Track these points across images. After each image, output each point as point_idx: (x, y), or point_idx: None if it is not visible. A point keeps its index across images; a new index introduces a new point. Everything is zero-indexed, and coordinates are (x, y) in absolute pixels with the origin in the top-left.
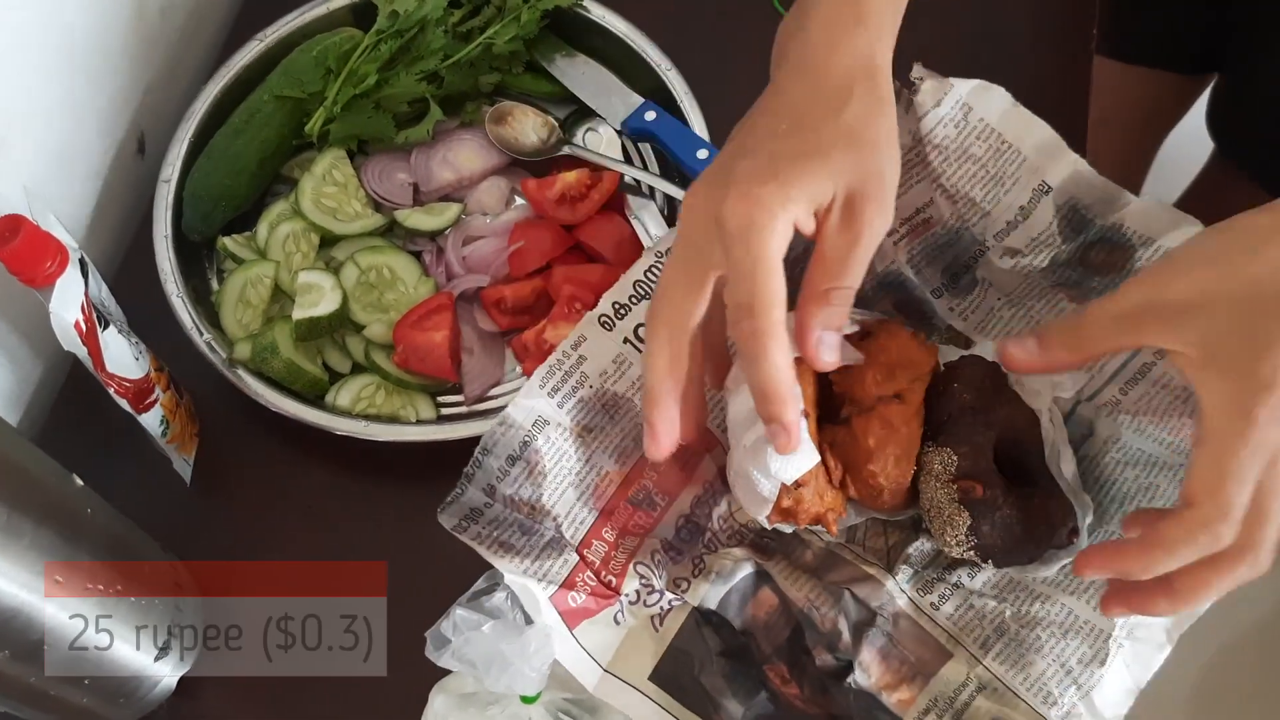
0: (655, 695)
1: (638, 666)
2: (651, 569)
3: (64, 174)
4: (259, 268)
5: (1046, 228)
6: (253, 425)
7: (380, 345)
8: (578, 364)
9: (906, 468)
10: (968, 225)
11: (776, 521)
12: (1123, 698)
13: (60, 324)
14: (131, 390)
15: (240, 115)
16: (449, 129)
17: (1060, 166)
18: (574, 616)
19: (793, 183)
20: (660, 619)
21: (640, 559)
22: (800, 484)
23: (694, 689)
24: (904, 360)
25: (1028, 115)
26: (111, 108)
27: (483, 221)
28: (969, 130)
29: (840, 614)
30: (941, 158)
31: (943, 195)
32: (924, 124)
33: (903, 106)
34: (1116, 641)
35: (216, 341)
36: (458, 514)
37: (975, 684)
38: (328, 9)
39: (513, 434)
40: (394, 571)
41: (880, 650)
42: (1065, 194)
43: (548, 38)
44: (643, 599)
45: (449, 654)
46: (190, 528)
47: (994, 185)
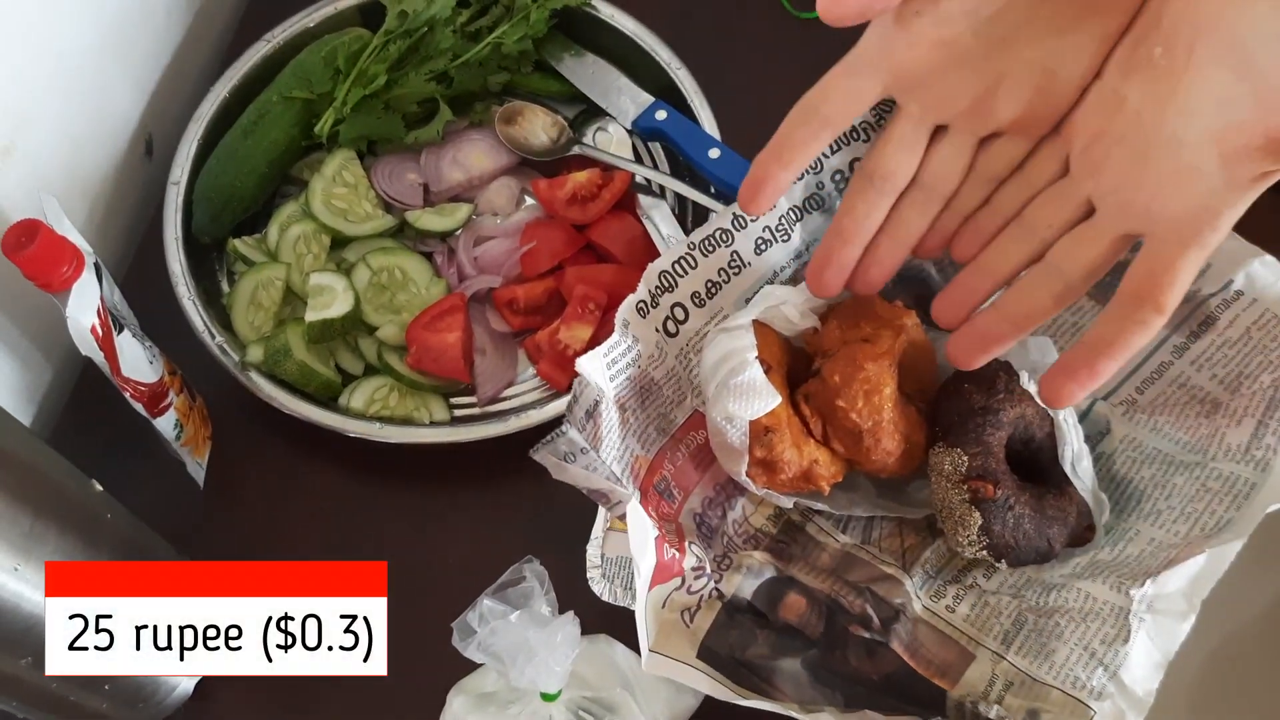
0: (706, 670)
1: (679, 650)
2: (700, 551)
3: (73, 177)
4: (270, 270)
5: None
6: (266, 427)
7: (393, 347)
8: (634, 343)
9: (880, 404)
10: None
11: (762, 482)
12: (1152, 672)
13: (77, 329)
14: (146, 394)
15: (249, 116)
16: (459, 129)
17: None
18: (662, 572)
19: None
20: (691, 614)
21: (690, 539)
22: (769, 429)
23: (742, 669)
24: (869, 314)
25: None
26: (119, 110)
27: (493, 222)
28: None
29: (866, 602)
30: None
31: None
32: None
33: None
34: (1137, 616)
35: (229, 344)
36: (554, 453)
37: (1002, 682)
38: (335, 9)
39: (588, 392)
40: (405, 572)
41: (907, 646)
42: None
43: (556, 37)
44: (689, 584)
45: (474, 645)
46: (204, 530)
47: None
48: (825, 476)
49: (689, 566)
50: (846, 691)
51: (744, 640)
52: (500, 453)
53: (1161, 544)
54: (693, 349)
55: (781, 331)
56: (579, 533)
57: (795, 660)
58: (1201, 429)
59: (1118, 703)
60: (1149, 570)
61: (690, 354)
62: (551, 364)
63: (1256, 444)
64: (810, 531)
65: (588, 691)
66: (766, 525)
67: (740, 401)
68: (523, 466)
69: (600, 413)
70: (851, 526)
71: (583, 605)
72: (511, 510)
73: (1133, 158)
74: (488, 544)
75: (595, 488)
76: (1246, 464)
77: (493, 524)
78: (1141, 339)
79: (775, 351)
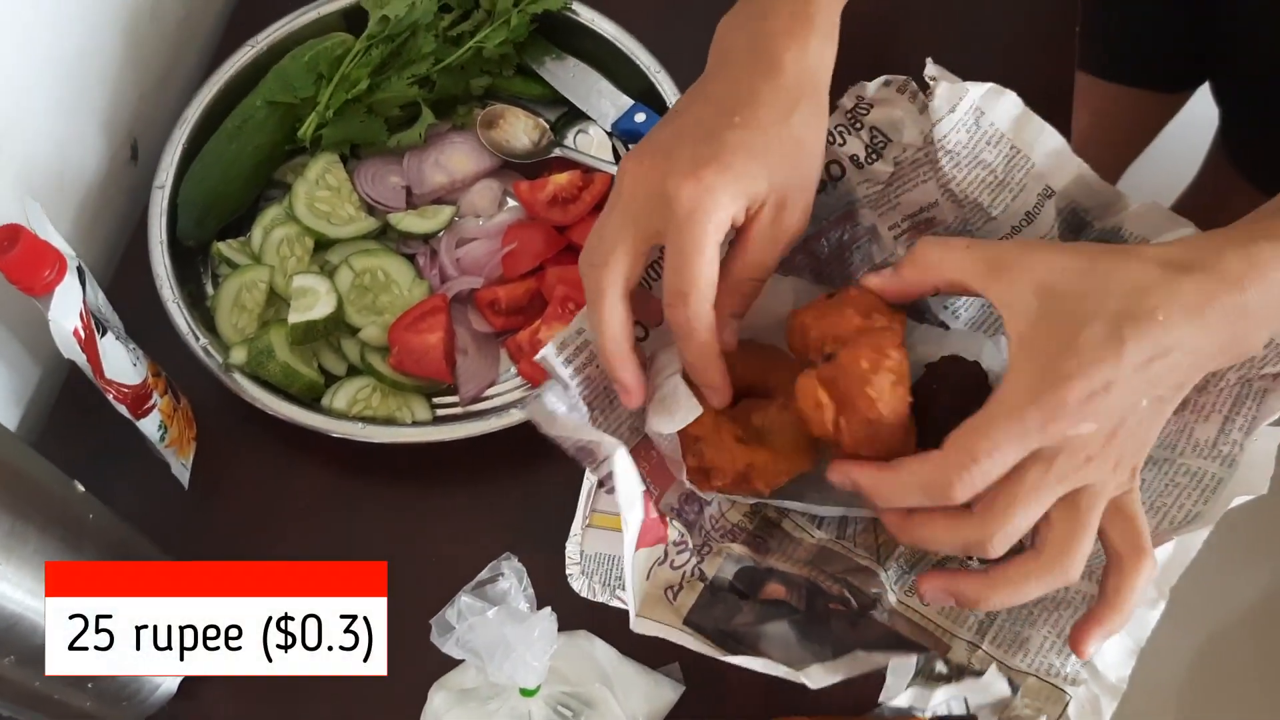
0: (692, 634)
1: (666, 618)
2: (681, 528)
3: (58, 182)
4: (254, 272)
5: (1048, 231)
6: (250, 428)
7: (375, 348)
8: (586, 343)
9: (904, 395)
10: (971, 228)
11: (704, 486)
12: (1124, 658)
13: (60, 332)
14: (130, 396)
15: (233, 121)
16: (441, 132)
17: (1064, 171)
18: (648, 532)
19: (741, 176)
20: (674, 593)
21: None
22: (699, 438)
23: (729, 638)
24: (878, 306)
25: (1038, 121)
26: (104, 115)
27: (475, 224)
28: (980, 135)
29: (844, 588)
30: (952, 162)
31: (948, 198)
32: (938, 129)
33: (917, 107)
34: None
35: (213, 346)
36: (540, 408)
37: (979, 665)
38: (319, 14)
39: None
40: (392, 572)
41: (887, 625)
42: (1066, 197)
43: (537, 41)
44: (671, 558)
45: (453, 641)
46: (189, 530)
47: (1002, 190)
48: (763, 479)
49: (672, 538)
50: (835, 645)
51: (729, 613)
52: (482, 452)
53: None
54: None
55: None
56: (560, 530)
57: (782, 622)
58: (1170, 425)
59: (1092, 688)
60: None
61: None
62: (532, 363)
63: (1224, 439)
64: (786, 528)
65: (566, 687)
66: (743, 521)
67: (661, 415)
68: (505, 465)
69: (575, 391)
70: (826, 523)
71: (563, 602)
72: (494, 508)
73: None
74: (471, 542)
75: (583, 440)
76: (1214, 459)
77: (475, 522)
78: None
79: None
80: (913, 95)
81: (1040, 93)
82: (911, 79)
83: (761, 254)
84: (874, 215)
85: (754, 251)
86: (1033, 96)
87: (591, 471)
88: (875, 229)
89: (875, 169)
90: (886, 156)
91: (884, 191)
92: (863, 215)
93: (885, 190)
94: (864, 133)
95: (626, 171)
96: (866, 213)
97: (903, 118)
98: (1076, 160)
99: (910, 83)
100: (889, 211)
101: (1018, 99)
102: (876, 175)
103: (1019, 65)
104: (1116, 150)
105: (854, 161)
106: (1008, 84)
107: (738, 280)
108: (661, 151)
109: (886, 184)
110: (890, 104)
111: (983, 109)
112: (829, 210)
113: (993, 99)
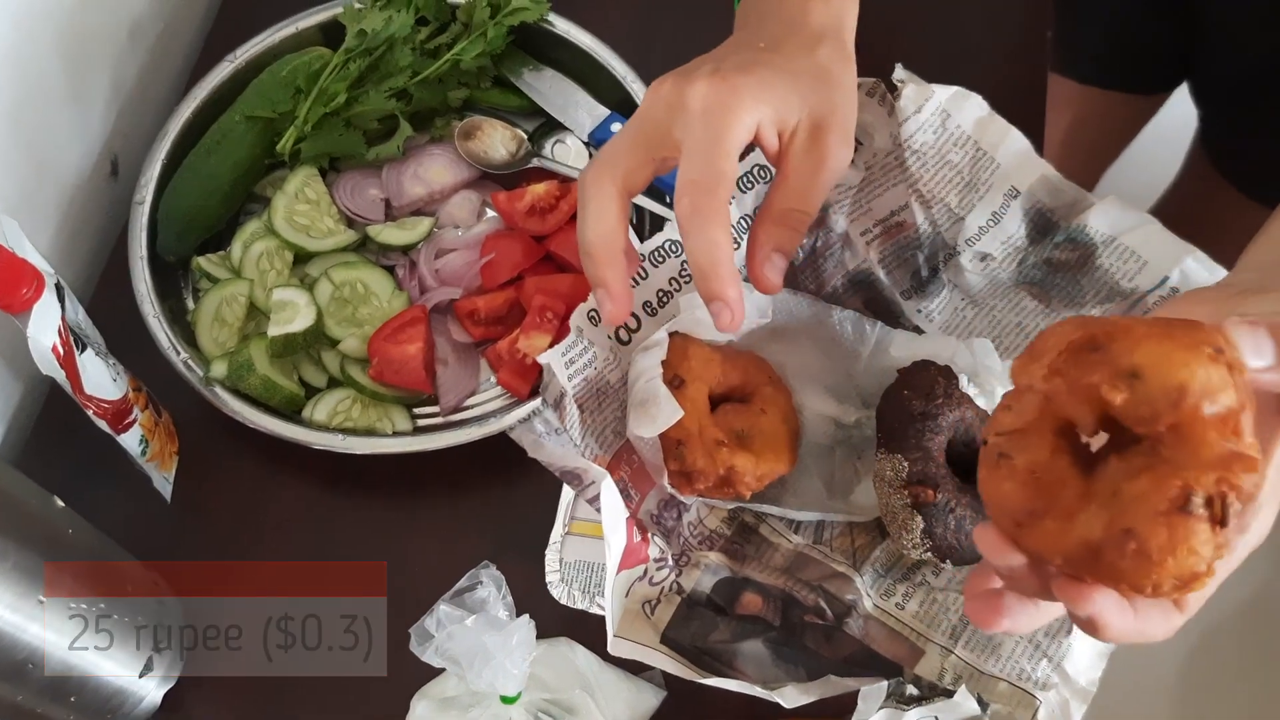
0: (669, 654)
1: (643, 636)
2: (661, 543)
3: (38, 198)
4: (234, 286)
5: (1015, 232)
6: (231, 441)
7: (355, 359)
8: (589, 346)
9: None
10: (940, 230)
11: (685, 490)
12: (1094, 661)
13: (38, 349)
14: (110, 411)
15: (212, 136)
16: (419, 145)
17: (1029, 172)
18: (630, 555)
19: (768, 85)
20: (652, 607)
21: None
22: (680, 442)
23: (705, 656)
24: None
25: (1002, 123)
26: (84, 131)
27: (454, 235)
28: (947, 137)
29: (819, 596)
30: (919, 163)
31: (918, 200)
32: (904, 129)
33: (885, 110)
34: None
35: (193, 360)
36: (530, 431)
37: (951, 676)
38: (297, 29)
39: (555, 383)
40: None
41: (860, 639)
42: (1032, 198)
43: (514, 53)
44: (650, 575)
45: (432, 649)
46: (171, 544)
47: (969, 191)
48: (746, 482)
49: (652, 556)
50: (808, 665)
51: (705, 629)
52: (463, 461)
53: None
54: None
55: (707, 340)
56: (540, 539)
57: (757, 641)
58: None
59: (1062, 692)
60: None
61: None
62: (511, 372)
63: None
64: (763, 533)
65: (548, 694)
66: (721, 527)
67: (642, 419)
68: (485, 474)
69: (565, 406)
70: (803, 527)
71: (544, 609)
72: (474, 518)
73: None
74: (452, 551)
75: (569, 467)
76: None
77: (456, 531)
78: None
79: (696, 364)
80: (882, 98)
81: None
82: (881, 81)
83: (802, 180)
84: (846, 221)
85: (794, 177)
86: (1004, 99)
87: (578, 494)
88: (848, 235)
89: (847, 175)
90: (858, 162)
91: (857, 197)
92: (834, 221)
93: (858, 195)
94: None
95: (650, 90)
96: (839, 218)
97: (873, 121)
98: (1041, 161)
99: (880, 85)
100: (861, 217)
101: (983, 102)
102: (848, 181)
103: (990, 69)
104: (1096, 153)
105: None
106: (979, 87)
107: (780, 211)
108: (685, 71)
109: (858, 189)
110: (861, 108)
111: (949, 111)
112: None
113: (959, 101)
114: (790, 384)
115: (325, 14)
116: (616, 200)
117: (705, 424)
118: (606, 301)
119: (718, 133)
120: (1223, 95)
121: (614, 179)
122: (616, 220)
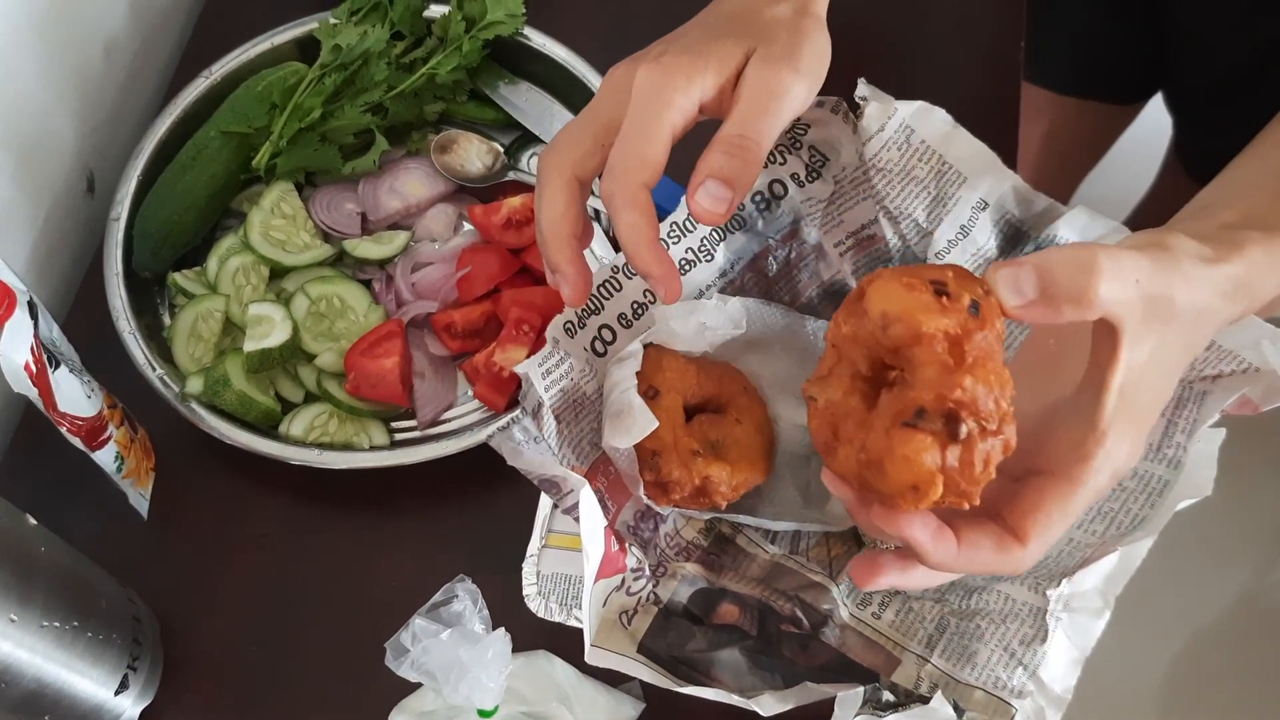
0: (646, 663)
1: (620, 646)
2: (639, 553)
3: (13, 216)
4: (210, 302)
5: (985, 243)
6: (208, 457)
7: (332, 374)
8: (565, 357)
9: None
10: (909, 244)
11: (661, 500)
12: (1069, 669)
13: (10, 366)
14: (84, 429)
15: (187, 151)
16: (395, 159)
17: (997, 184)
18: (608, 564)
19: (704, 54)
20: (629, 617)
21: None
22: (655, 453)
23: (682, 665)
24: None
25: (967, 136)
26: (60, 148)
27: (431, 248)
28: (911, 152)
29: (795, 606)
30: (885, 180)
31: (885, 216)
32: (869, 148)
33: (849, 128)
34: (1054, 616)
35: (169, 376)
36: (509, 439)
37: (927, 684)
38: (272, 44)
39: (533, 393)
40: (349, 595)
41: (837, 648)
42: (1001, 210)
43: (490, 66)
44: (628, 585)
45: (408, 664)
46: (148, 561)
47: (936, 206)
48: (722, 492)
49: (630, 566)
50: (785, 673)
51: (682, 639)
52: (440, 475)
53: (1079, 544)
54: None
55: (682, 351)
56: (518, 552)
57: (733, 650)
58: None
59: (1037, 700)
60: (1065, 570)
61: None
62: (488, 386)
63: (1168, 442)
64: (740, 543)
65: (525, 707)
66: (698, 538)
67: (617, 430)
68: (462, 488)
69: (543, 416)
70: (780, 538)
71: (521, 623)
72: (452, 531)
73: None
74: (429, 565)
75: (547, 475)
76: (1159, 462)
77: (434, 545)
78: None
79: (671, 374)
80: (845, 115)
81: (985, 107)
82: (843, 100)
83: (749, 107)
84: (819, 233)
85: (741, 104)
86: (977, 110)
87: (556, 503)
88: (821, 246)
89: (815, 188)
90: (826, 176)
91: (827, 209)
92: (807, 232)
93: (829, 208)
94: (803, 152)
95: (607, 74)
96: (811, 230)
97: (839, 137)
98: (1009, 172)
99: (842, 104)
100: (834, 229)
101: (947, 115)
102: (818, 194)
103: (961, 81)
104: (1072, 162)
105: (795, 180)
106: (952, 99)
107: (723, 136)
108: (638, 56)
109: (829, 202)
110: (825, 124)
111: (913, 127)
112: (775, 228)
113: (922, 116)
114: (765, 394)
115: (300, 29)
116: (566, 186)
117: (680, 434)
118: (563, 284)
119: (645, 118)
120: (1195, 103)
121: (565, 165)
122: (566, 205)
